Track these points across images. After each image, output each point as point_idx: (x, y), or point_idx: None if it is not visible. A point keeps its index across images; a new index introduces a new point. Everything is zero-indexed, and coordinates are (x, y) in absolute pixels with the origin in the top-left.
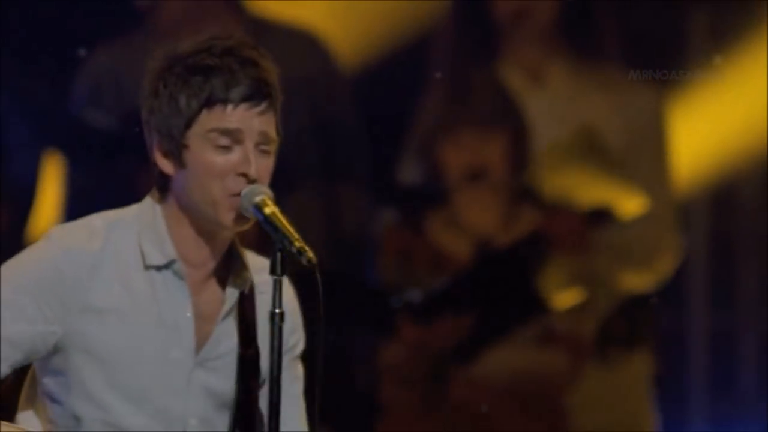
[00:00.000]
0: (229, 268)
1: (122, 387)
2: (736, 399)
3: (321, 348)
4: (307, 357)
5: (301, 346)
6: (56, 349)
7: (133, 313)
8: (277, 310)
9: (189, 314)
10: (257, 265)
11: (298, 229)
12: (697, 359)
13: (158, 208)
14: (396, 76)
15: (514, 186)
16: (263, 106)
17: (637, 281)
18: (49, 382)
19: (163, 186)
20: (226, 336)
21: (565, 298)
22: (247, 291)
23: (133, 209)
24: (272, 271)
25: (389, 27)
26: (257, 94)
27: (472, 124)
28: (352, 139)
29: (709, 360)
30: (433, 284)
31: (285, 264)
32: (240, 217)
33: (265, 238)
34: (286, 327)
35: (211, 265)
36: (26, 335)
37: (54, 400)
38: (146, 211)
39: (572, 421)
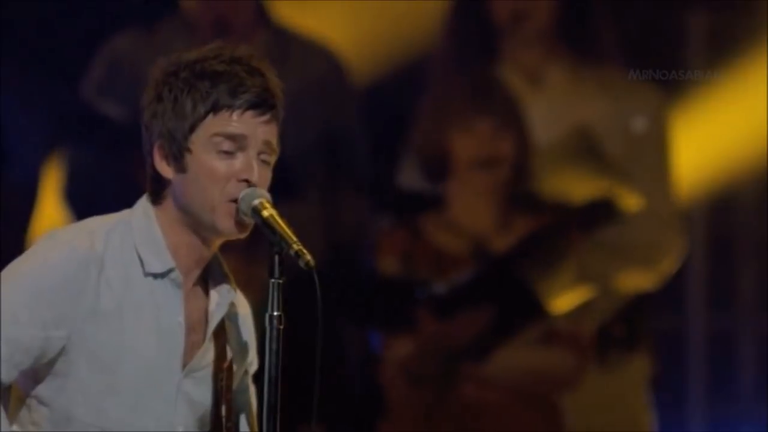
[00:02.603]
0: (207, 278)
1: (119, 392)
2: (735, 401)
3: (319, 348)
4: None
5: (255, 365)
6: (61, 353)
7: (134, 318)
8: (275, 313)
9: (181, 323)
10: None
11: (299, 230)
12: (695, 361)
13: (152, 213)
14: (397, 81)
15: (512, 190)
16: (268, 115)
17: (639, 280)
18: (42, 385)
19: (157, 191)
20: (210, 347)
21: (568, 299)
22: (234, 302)
23: (125, 214)
24: (270, 274)
25: (392, 32)
26: (263, 103)
27: (489, 114)
28: (355, 144)
29: (707, 362)
30: (458, 277)
31: (283, 267)
32: (239, 224)
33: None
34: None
35: (198, 271)
36: (38, 340)
37: (42, 402)
38: (140, 217)
39: (571, 422)
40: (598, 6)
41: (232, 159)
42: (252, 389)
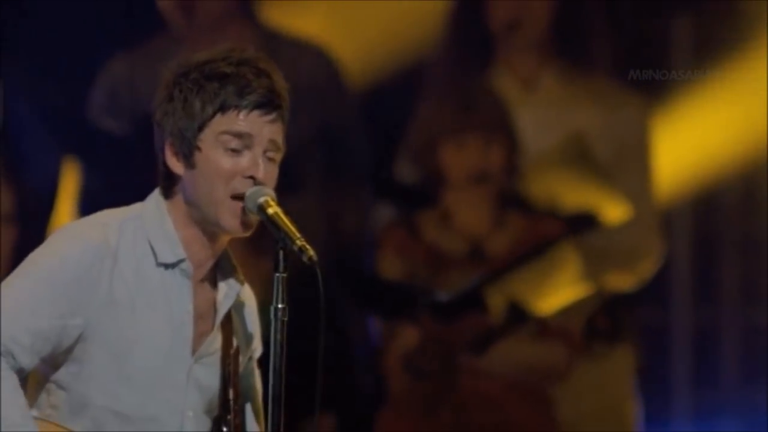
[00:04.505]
0: (216, 270)
1: (132, 378)
2: (718, 392)
3: (322, 341)
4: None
5: (259, 351)
6: (77, 341)
7: (146, 308)
8: (279, 306)
9: (191, 311)
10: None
11: (300, 227)
12: (680, 354)
13: (164, 207)
14: (395, 84)
15: (504, 191)
16: (274, 115)
17: (620, 282)
18: (61, 371)
19: (168, 186)
20: (218, 335)
21: (558, 299)
22: (241, 293)
23: (137, 207)
24: (275, 269)
25: (389, 37)
26: (269, 103)
27: (478, 129)
28: (353, 143)
29: (691, 355)
30: (463, 284)
31: (287, 262)
32: (244, 224)
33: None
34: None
35: (210, 265)
36: (56, 329)
37: (61, 387)
38: (152, 210)
39: (558, 410)
40: (590, 15)
41: (238, 157)
42: (257, 373)
